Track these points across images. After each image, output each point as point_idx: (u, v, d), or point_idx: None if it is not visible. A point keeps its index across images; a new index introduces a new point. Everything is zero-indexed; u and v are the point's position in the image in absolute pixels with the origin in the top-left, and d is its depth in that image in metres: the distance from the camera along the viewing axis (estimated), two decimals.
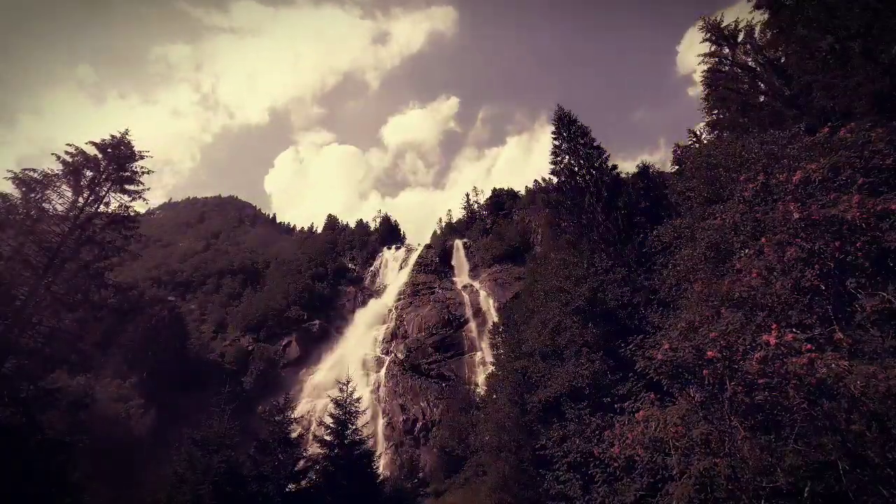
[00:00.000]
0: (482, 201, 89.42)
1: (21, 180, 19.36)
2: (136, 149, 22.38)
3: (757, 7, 25.50)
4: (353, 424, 26.11)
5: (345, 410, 25.97)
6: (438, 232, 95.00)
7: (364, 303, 67.70)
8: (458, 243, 75.38)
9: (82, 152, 21.11)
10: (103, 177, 21.40)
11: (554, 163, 31.82)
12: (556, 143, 31.91)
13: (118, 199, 21.72)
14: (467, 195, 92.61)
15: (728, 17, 29.86)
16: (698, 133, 34.75)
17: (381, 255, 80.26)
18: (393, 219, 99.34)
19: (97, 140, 21.81)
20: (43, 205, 19.79)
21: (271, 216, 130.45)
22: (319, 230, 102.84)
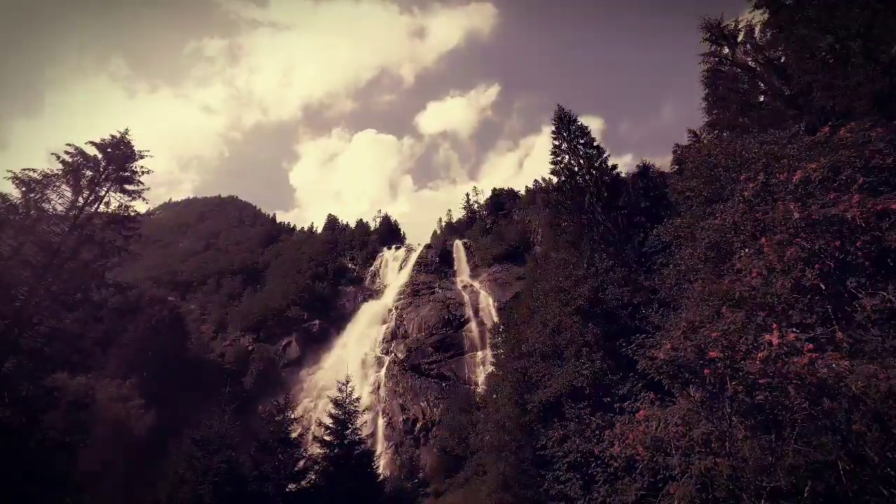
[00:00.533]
0: (482, 201, 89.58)
1: (21, 180, 19.34)
2: (135, 148, 22.38)
3: (757, 7, 25.48)
4: (352, 424, 26.09)
5: (344, 410, 25.95)
6: (438, 232, 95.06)
7: (364, 303, 67.68)
8: (458, 243, 75.38)
9: (82, 152, 21.09)
10: (103, 177, 21.37)
11: (554, 163, 31.87)
12: (556, 143, 31.96)
13: (118, 198, 21.71)
14: (467, 195, 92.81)
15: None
16: (698, 133, 34.71)
17: (381, 254, 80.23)
18: (393, 219, 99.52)
19: (97, 140, 21.82)
20: (43, 205, 19.76)
21: (271, 215, 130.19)
22: (319, 230, 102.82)
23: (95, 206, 21.15)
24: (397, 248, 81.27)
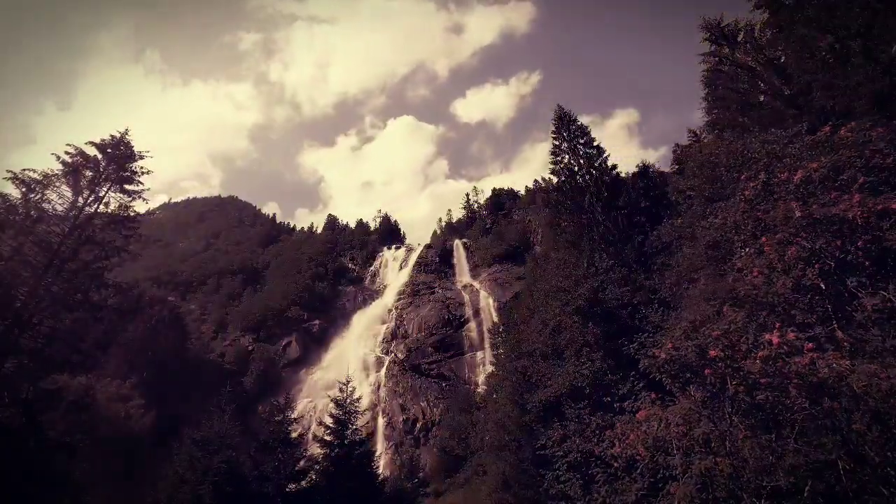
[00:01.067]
0: (482, 201, 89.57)
1: (21, 180, 19.35)
2: (135, 149, 22.43)
3: (757, 7, 25.48)
4: (353, 424, 26.08)
5: (345, 410, 25.93)
6: (438, 232, 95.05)
7: (364, 303, 67.67)
8: (458, 243, 75.38)
9: (81, 152, 21.11)
10: (103, 177, 21.40)
11: (554, 162, 31.89)
12: (556, 142, 31.96)
13: (118, 199, 21.73)
14: (467, 195, 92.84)
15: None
16: (698, 133, 34.73)
17: (381, 254, 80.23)
18: (393, 218, 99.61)
19: (97, 140, 21.84)
20: (43, 205, 19.77)
21: (270, 214, 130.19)
22: (319, 230, 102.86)
23: (95, 206, 21.17)
24: (397, 248, 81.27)
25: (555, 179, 32.51)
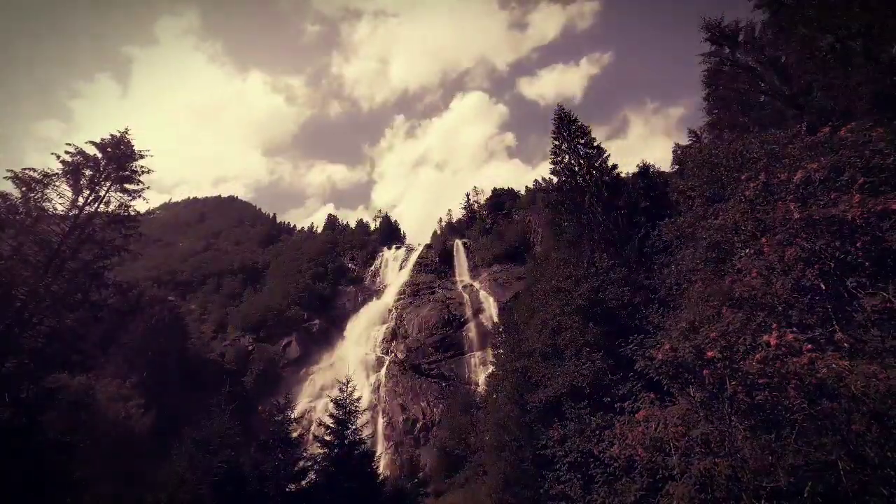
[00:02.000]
0: (482, 201, 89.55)
1: (21, 179, 19.36)
2: (135, 148, 22.43)
3: (757, 6, 25.47)
4: (353, 424, 26.03)
5: (345, 410, 25.90)
6: (438, 232, 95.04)
7: (364, 303, 67.68)
8: (459, 243, 75.35)
9: (81, 151, 21.12)
10: (103, 176, 21.40)
11: (554, 162, 31.85)
12: (556, 142, 31.92)
13: (118, 198, 21.73)
14: (467, 195, 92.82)
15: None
16: (698, 133, 34.73)
17: (381, 254, 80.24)
18: (393, 219, 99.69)
19: (97, 140, 21.85)
20: (43, 204, 19.77)
21: (271, 215, 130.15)
22: (319, 230, 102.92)
23: (96, 205, 21.17)
24: (397, 248, 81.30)
25: (555, 179, 32.48)
